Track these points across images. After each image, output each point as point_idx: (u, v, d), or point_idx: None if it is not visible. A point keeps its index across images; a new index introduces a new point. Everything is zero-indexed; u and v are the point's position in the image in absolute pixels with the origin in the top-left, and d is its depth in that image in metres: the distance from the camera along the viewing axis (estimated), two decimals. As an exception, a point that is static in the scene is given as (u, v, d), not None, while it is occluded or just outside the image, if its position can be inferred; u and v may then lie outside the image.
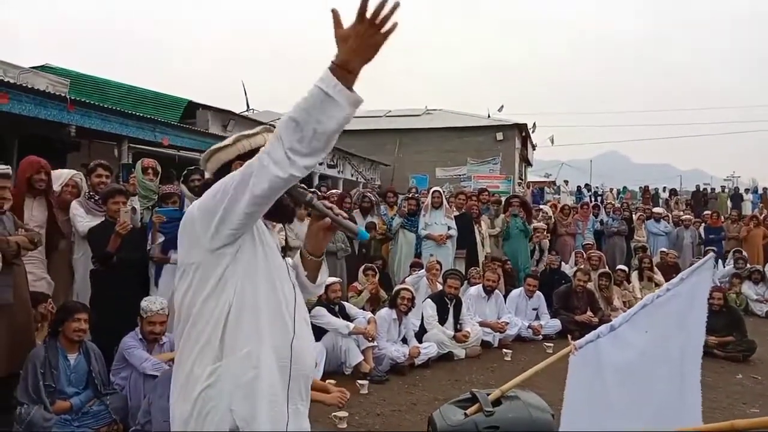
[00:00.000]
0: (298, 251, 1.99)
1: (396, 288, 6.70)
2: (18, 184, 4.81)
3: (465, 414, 2.98)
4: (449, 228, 8.58)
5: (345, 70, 1.47)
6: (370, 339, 5.96)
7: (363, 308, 6.63)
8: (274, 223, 1.93)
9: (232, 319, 1.71)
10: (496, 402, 3.04)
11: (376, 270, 7.27)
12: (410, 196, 9.83)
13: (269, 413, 1.70)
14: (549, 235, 10.26)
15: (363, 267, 7.29)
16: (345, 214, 1.82)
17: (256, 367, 1.69)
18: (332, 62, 1.48)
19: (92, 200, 5.23)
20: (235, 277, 1.71)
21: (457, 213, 8.95)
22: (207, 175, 1.93)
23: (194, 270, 1.73)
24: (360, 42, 1.45)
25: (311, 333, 1.91)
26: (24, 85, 8.36)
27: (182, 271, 1.78)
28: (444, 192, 9.44)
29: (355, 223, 1.97)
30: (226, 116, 13.78)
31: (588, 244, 10.52)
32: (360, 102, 1.52)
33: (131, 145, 10.15)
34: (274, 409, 1.71)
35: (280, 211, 1.81)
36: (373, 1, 1.42)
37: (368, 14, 1.43)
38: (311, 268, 1.90)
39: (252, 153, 1.72)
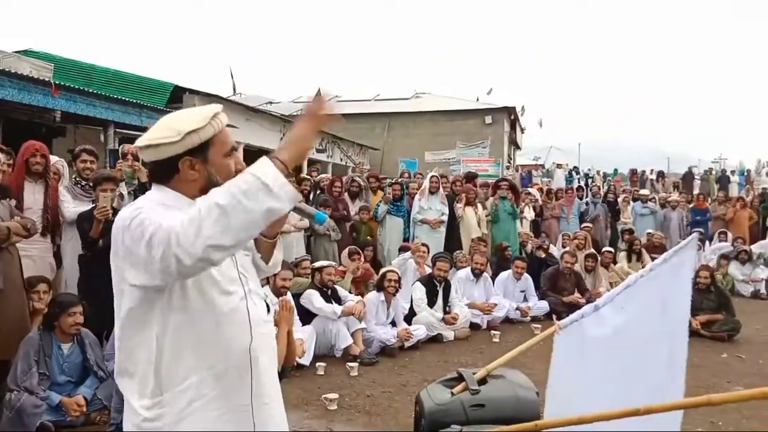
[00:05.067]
0: None
1: (382, 271, 6.73)
2: (17, 167, 4.87)
3: (451, 393, 3.01)
4: (443, 214, 8.68)
5: (285, 166, 1.46)
6: (358, 317, 5.98)
7: (349, 291, 6.65)
8: None
9: (168, 350, 1.59)
10: (482, 381, 3.06)
11: (360, 252, 7.26)
12: (395, 181, 9.87)
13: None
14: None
15: (347, 250, 7.29)
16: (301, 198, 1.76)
17: (205, 395, 1.60)
18: (275, 157, 1.46)
19: (79, 186, 5.21)
20: (163, 306, 1.58)
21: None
22: (143, 159, 1.71)
23: (127, 292, 1.59)
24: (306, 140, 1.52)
25: (270, 322, 1.85)
26: (7, 70, 8.24)
27: (119, 289, 1.62)
28: (439, 177, 9.44)
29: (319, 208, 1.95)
30: (213, 101, 13.67)
31: (587, 227, 10.43)
32: (298, 199, 1.52)
33: (118, 130, 10.05)
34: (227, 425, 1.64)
35: None
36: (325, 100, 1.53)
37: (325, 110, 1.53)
38: (265, 250, 1.86)
39: (202, 147, 1.62)
